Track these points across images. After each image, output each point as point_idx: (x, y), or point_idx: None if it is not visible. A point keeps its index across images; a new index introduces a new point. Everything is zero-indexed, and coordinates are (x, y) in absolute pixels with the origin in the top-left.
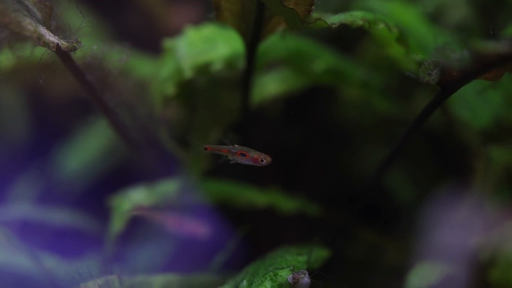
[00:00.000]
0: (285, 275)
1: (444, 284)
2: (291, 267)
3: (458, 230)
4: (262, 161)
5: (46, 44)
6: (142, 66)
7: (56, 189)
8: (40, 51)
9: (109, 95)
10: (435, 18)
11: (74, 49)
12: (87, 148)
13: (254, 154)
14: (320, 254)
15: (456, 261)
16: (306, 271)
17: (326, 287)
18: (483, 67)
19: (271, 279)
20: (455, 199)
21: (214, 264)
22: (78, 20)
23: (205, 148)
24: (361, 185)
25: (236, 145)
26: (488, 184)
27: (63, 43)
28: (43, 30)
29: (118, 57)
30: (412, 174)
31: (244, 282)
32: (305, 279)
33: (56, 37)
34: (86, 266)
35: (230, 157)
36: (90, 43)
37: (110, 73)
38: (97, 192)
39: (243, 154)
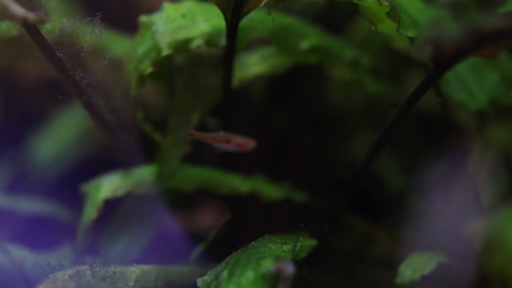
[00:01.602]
0: (268, 264)
1: (439, 275)
2: (275, 257)
3: (453, 217)
4: (247, 146)
5: (12, 16)
6: (117, 44)
7: (29, 177)
8: (6, 27)
9: (81, 74)
10: None
11: (43, 22)
12: (60, 134)
13: (239, 139)
14: (306, 243)
15: (451, 251)
16: (290, 260)
17: (313, 278)
18: (480, 42)
19: (254, 269)
20: (449, 185)
21: (193, 255)
22: None
23: (191, 135)
24: (350, 172)
25: (220, 132)
26: (484, 168)
27: (31, 16)
28: (8, 1)
29: (90, 32)
30: (403, 160)
31: (225, 273)
32: (289, 269)
33: (23, 9)
34: (57, 256)
35: (215, 145)
36: (60, 17)
37: (82, 50)
38: (71, 180)
39: (227, 141)
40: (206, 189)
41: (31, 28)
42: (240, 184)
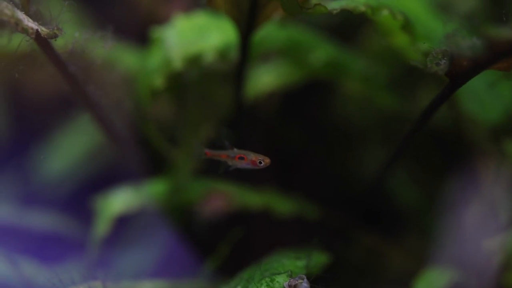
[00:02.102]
0: (282, 280)
1: None
2: (289, 272)
3: (469, 233)
4: (260, 163)
5: (24, 30)
6: (128, 58)
7: (40, 192)
8: (17, 40)
9: (92, 87)
10: (442, 8)
11: (55, 36)
12: (72, 149)
13: (253, 156)
14: (319, 259)
15: (467, 267)
16: (304, 276)
17: None
18: (496, 55)
19: (268, 285)
20: (465, 200)
21: (205, 270)
22: (59, 8)
23: (205, 153)
24: (362, 186)
25: (235, 149)
26: (500, 184)
27: (43, 30)
28: (21, 15)
29: (102, 46)
30: (416, 175)
31: None
32: (304, 285)
33: (36, 23)
34: (68, 271)
35: (230, 163)
36: (71, 31)
37: (94, 64)
38: (82, 195)
39: (241, 158)
40: None
41: (43, 42)
42: (252, 199)
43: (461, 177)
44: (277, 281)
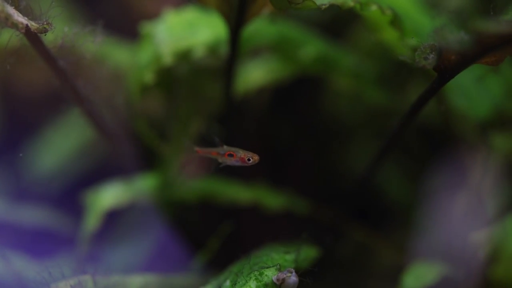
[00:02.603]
0: (271, 274)
1: (442, 285)
2: (278, 266)
3: (457, 227)
4: (249, 160)
5: (14, 25)
6: (118, 53)
7: (30, 187)
8: (7, 36)
9: (82, 83)
10: (431, 4)
11: (45, 31)
12: (62, 145)
13: (242, 153)
14: (308, 253)
15: (454, 260)
16: (293, 269)
17: None
18: (484, 49)
19: (256, 279)
20: (452, 194)
21: (195, 264)
22: (48, 3)
23: (196, 151)
24: (352, 181)
25: (224, 146)
26: (487, 177)
27: (33, 25)
28: (11, 10)
29: (92, 41)
30: (405, 169)
31: (228, 282)
32: (292, 278)
33: (26, 18)
34: (58, 266)
35: (219, 160)
36: (61, 26)
37: (84, 59)
38: (73, 191)
39: (231, 155)
40: (208, 199)
41: (33, 37)
42: (242, 193)
43: (449, 171)
44: (266, 275)
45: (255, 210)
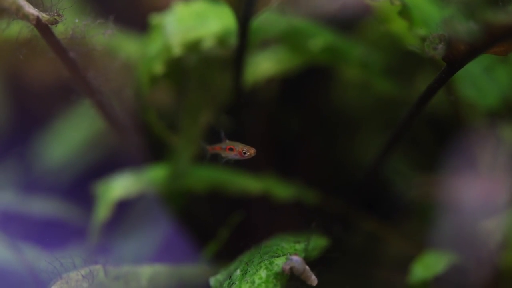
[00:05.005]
0: (281, 263)
1: (452, 274)
2: (288, 255)
3: (466, 215)
4: (244, 153)
5: (25, 16)
6: (128, 45)
7: (41, 179)
8: (18, 27)
9: (93, 74)
10: None
11: (56, 22)
12: (72, 137)
13: (240, 147)
14: (318, 242)
15: (464, 248)
16: (296, 255)
17: (325, 278)
18: (493, 39)
19: (266, 268)
20: (462, 183)
21: (205, 254)
22: None
23: (208, 150)
24: (361, 172)
25: (227, 140)
26: (497, 165)
27: (44, 16)
28: (22, 1)
29: (102, 33)
30: (414, 159)
31: (238, 272)
32: (295, 258)
33: (36, 9)
34: (69, 256)
35: (223, 154)
36: (72, 17)
37: (94, 50)
38: (83, 182)
39: (231, 149)
40: (217, 190)
41: (43, 29)
42: (251, 184)
43: (458, 160)
44: (276, 264)
45: (263, 201)
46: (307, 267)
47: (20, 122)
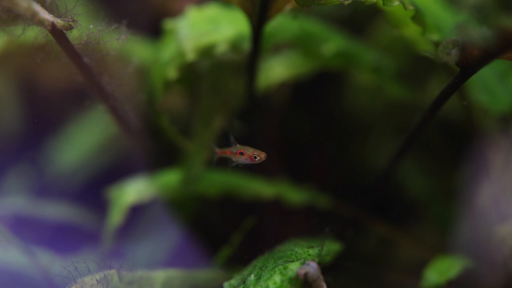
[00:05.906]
0: (296, 268)
1: (465, 279)
2: (302, 260)
3: (480, 220)
4: (255, 158)
5: (40, 22)
6: (142, 50)
7: (53, 183)
8: (33, 33)
9: (106, 79)
10: (452, 1)
11: (70, 28)
12: (85, 141)
13: (250, 151)
14: (331, 247)
15: (478, 253)
16: (311, 261)
17: (338, 282)
18: (507, 45)
19: (281, 273)
20: (475, 187)
21: (218, 259)
22: (73, 1)
23: (217, 153)
24: (373, 176)
25: (237, 145)
26: (510, 170)
27: (59, 22)
28: (37, 7)
29: (116, 38)
30: (426, 164)
31: (252, 277)
32: (311, 265)
33: (51, 15)
34: (83, 261)
35: (233, 159)
36: (86, 23)
37: (108, 55)
38: (95, 187)
39: (241, 153)
40: (230, 194)
41: (58, 34)
42: (264, 189)
43: (472, 165)
44: (291, 269)
45: (275, 205)
46: (321, 275)
47: (33, 127)
